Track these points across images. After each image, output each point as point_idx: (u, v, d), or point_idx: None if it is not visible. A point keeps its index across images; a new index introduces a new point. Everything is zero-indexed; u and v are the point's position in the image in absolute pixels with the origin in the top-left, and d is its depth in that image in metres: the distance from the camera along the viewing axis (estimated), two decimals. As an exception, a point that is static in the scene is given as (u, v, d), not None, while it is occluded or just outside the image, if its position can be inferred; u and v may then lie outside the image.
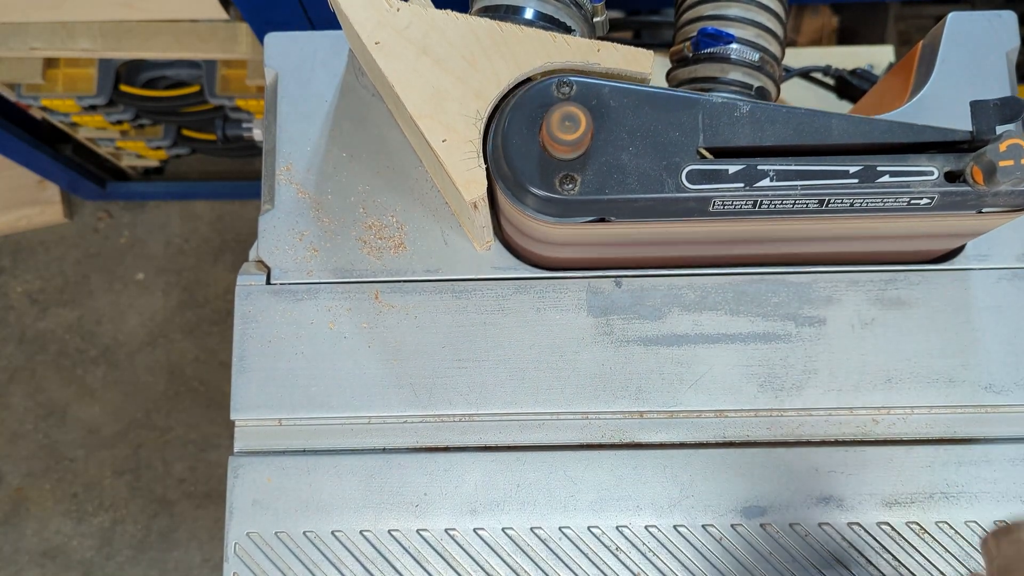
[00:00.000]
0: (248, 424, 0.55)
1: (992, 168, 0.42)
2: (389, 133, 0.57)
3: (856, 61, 0.96)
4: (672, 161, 0.43)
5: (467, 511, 0.53)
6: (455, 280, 0.56)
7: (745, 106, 0.44)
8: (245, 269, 0.56)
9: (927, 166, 0.44)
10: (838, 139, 0.44)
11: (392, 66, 0.48)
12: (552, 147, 0.42)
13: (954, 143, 0.45)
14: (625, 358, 0.55)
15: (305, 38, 0.58)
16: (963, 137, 0.44)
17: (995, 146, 0.41)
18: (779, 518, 0.53)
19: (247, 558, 0.52)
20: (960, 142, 0.45)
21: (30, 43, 1.20)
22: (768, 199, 0.44)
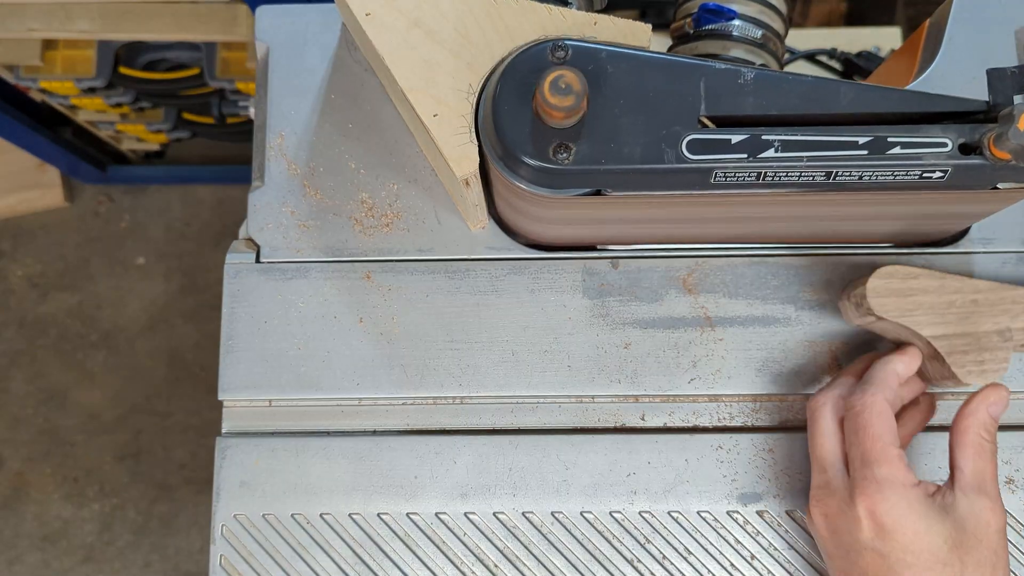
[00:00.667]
0: (236, 405, 0.54)
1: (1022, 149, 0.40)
2: (382, 109, 0.56)
3: (862, 43, 0.94)
4: (672, 130, 0.41)
5: (458, 495, 0.52)
6: (448, 260, 0.55)
7: (749, 73, 0.42)
8: (234, 247, 0.55)
9: (941, 137, 0.41)
10: (847, 109, 0.42)
11: (383, 38, 0.46)
12: (545, 114, 0.40)
13: (969, 113, 0.42)
14: (621, 341, 0.54)
15: (297, 11, 0.57)
16: (979, 107, 0.42)
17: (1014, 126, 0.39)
18: (776, 505, 0.51)
19: (234, 540, 0.51)
20: (976, 112, 0.42)
21: (28, 24, 1.19)
22: (773, 171, 0.41)
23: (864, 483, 0.43)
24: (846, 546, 0.44)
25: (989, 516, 0.43)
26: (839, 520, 0.44)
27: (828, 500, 0.45)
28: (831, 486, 0.45)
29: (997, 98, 0.41)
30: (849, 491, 0.44)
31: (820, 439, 0.46)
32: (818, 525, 0.46)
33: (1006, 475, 0.52)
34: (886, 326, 0.49)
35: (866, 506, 0.43)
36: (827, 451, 0.46)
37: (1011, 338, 0.47)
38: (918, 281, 0.47)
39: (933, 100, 0.43)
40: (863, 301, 0.48)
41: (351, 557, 0.51)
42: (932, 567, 0.42)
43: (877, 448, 0.43)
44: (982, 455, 0.45)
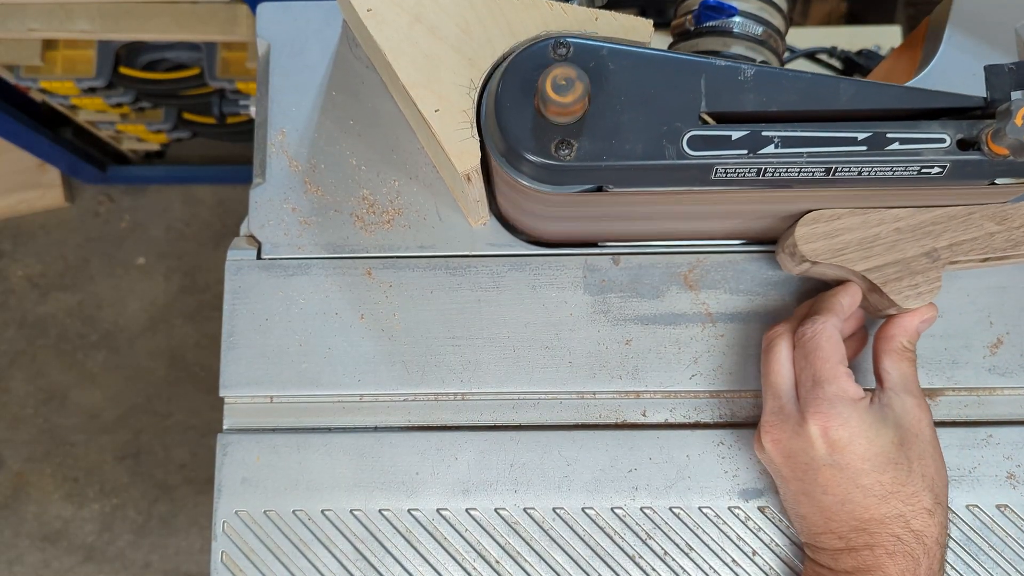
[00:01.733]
0: (238, 401, 0.54)
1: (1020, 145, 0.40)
2: (383, 105, 0.56)
3: (862, 42, 0.94)
4: (673, 126, 0.42)
5: (459, 491, 0.52)
6: (449, 256, 0.55)
7: (750, 70, 0.42)
8: (235, 244, 0.55)
9: (939, 133, 0.42)
10: (846, 105, 0.42)
11: (384, 34, 0.46)
12: (547, 110, 0.40)
13: (967, 109, 0.43)
14: (622, 337, 0.54)
15: (298, 8, 0.57)
16: (976, 103, 0.42)
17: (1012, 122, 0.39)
18: (777, 501, 0.51)
19: (235, 537, 0.51)
20: (973, 108, 0.43)
21: (28, 24, 1.19)
22: (773, 167, 0.42)
23: (816, 402, 0.45)
24: (802, 466, 0.46)
25: (919, 412, 0.47)
26: (793, 442, 0.46)
27: (781, 426, 0.46)
28: (784, 411, 0.46)
29: (995, 94, 0.41)
30: (801, 413, 0.46)
31: (775, 366, 0.48)
32: (771, 452, 0.47)
33: (1007, 470, 0.52)
34: (823, 269, 0.51)
35: (819, 424, 0.45)
36: (782, 378, 0.47)
37: (938, 257, 0.49)
38: (842, 221, 0.49)
39: (931, 96, 0.43)
40: (795, 249, 0.49)
41: (352, 553, 0.51)
42: (885, 468, 0.45)
43: (827, 368, 0.45)
44: (906, 361, 0.48)
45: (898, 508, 0.45)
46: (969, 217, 0.49)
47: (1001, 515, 0.51)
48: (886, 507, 0.44)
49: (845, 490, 0.45)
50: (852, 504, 0.45)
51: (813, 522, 0.47)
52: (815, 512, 0.46)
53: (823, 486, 0.45)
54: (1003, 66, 0.41)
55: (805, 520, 0.47)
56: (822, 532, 0.46)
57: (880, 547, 0.44)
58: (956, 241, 0.49)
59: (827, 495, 0.45)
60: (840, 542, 0.46)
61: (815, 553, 0.48)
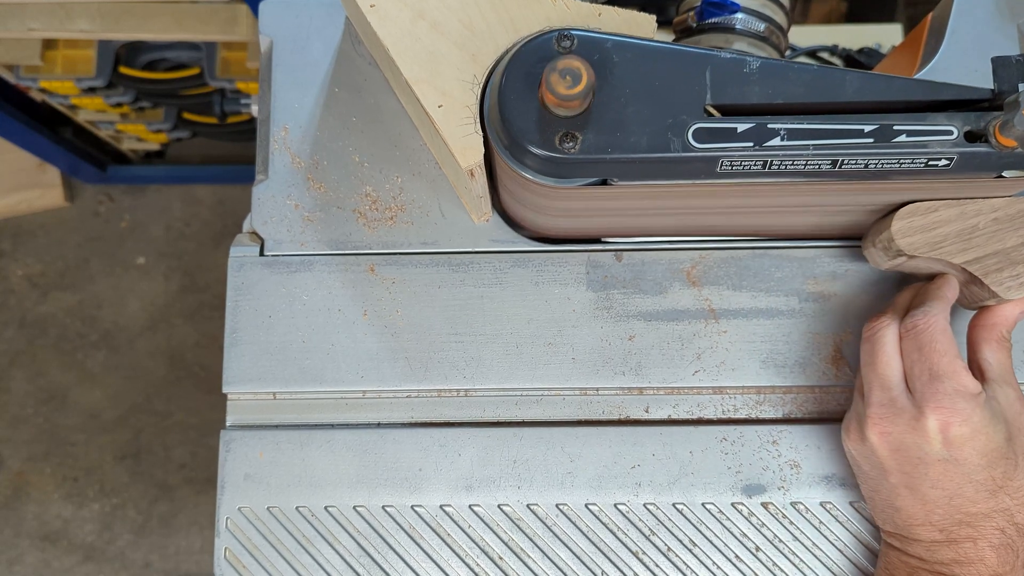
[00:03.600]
0: (241, 398, 0.54)
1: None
2: (386, 102, 0.56)
3: (864, 40, 0.94)
4: (678, 119, 0.41)
5: (462, 487, 0.52)
6: (452, 253, 0.55)
7: (755, 63, 0.42)
8: (238, 240, 0.55)
9: (946, 125, 0.41)
10: (852, 97, 0.42)
11: (387, 30, 0.46)
12: (552, 103, 0.40)
13: (975, 101, 0.42)
14: (625, 333, 0.54)
15: (301, 5, 0.57)
16: (984, 95, 0.42)
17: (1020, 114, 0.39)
18: (780, 497, 0.51)
19: (239, 533, 0.51)
20: (981, 100, 0.42)
21: (28, 24, 1.19)
22: (779, 159, 0.42)
23: (937, 397, 0.44)
24: (912, 460, 0.45)
25: (1020, 404, 0.46)
26: (906, 436, 0.45)
27: (893, 418, 0.45)
28: (896, 404, 0.45)
29: (1002, 86, 0.41)
30: (918, 408, 0.45)
31: (884, 358, 0.47)
32: (876, 444, 0.46)
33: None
34: (918, 263, 0.50)
35: (940, 419, 0.44)
36: (892, 369, 0.46)
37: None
38: (939, 213, 0.48)
39: (938, 88, 0.43)
40: (891, 244, 0.48)
41: (356, 549, 0.51)
42: (997, 463, 0.44)
43: (944, 362, 0.44)
44: (1004, 351, 0.48)
45: (1005, 502, 0.44)
46: None
47: None
48: (994, 502, 0.44)
49: (957, 485, 0.44)
50: (961, 499, 0.44)
51: (911, 514, 0.46)
52: (915, 505, 0.46)
53: (933, 480, 0.45)
54: (1010, 58, 0.41)
55: (900, 512, 0.46)
56: (920, 524, 0.46)
57: (984, 540, 0.44)
58: None
59: (935, 489, 0.45)
60: (940, 535, 0.45)
61: (905, 544, 0.47)
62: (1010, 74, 0.41)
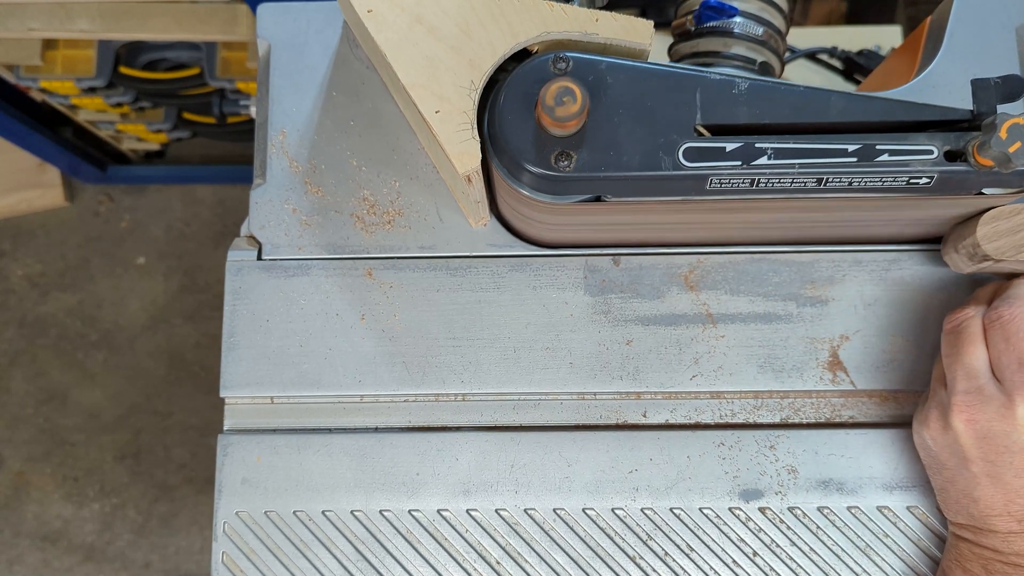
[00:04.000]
0: (238, 402, 0.54)
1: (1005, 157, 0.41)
2: (383, 106, 0.56)
3: (863, 42, 0.94)
4: (669, 138, 0.43)
5: (460, 491, 0.52)
6: (450, 257, 0.55)
7: (744, 83, 0.43)
8: (236, 244, 0.55)
9: (927, 145, 0.43)
10: (837, 117, 0.43)
11: (384, 35, 0.46)
12: (547, 123, 0.41)
13: (954, 122, 0.44)
14: (623, 338, 0.54)
15: (299, 8, 0.57)
16: (963, 116, 0.43)
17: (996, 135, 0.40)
18: (778, 502, 0.51)
19: (236, 537, 0.51)
20: (960, 120, 0.44)
21: (28, 24, 1.19)
22: (766, 177, 0.43)
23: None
24: (999, 448, 0.45)
25: None
26: (994, 424, 0.45)
27: (981, 406, 0.45)
28: (984, 392, 0.45)
29: (981, 107, 0.43)
30: (1007, 396, 0.44)
31: (970, 347, 0.47)
32: (961, 431, 0.46)
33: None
34: (1003, 266, 0.50)
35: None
36: (978, 359, 0.46)
37: None
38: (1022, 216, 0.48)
39: (920, 109, 0.44)
40: (976, 250, 0.49)
41: (353, 554, 0.51)
42: None
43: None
44: None
45: None
46: None
47: None
48: None
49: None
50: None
51: (989, 504, 0.46)
52: (996, 494, 0.46)
53: (1018, 469, 0.45)
54: (989, 80, 0.42)
55: (978, 503, 0.46)
56: (998, 515, 0.46)
57: None
58: None
59: (1019, 478, 0.45)
60: (1019, 525, 0.45)
61: (979, 536, 0.47)
62: (988, 96, 0.42)
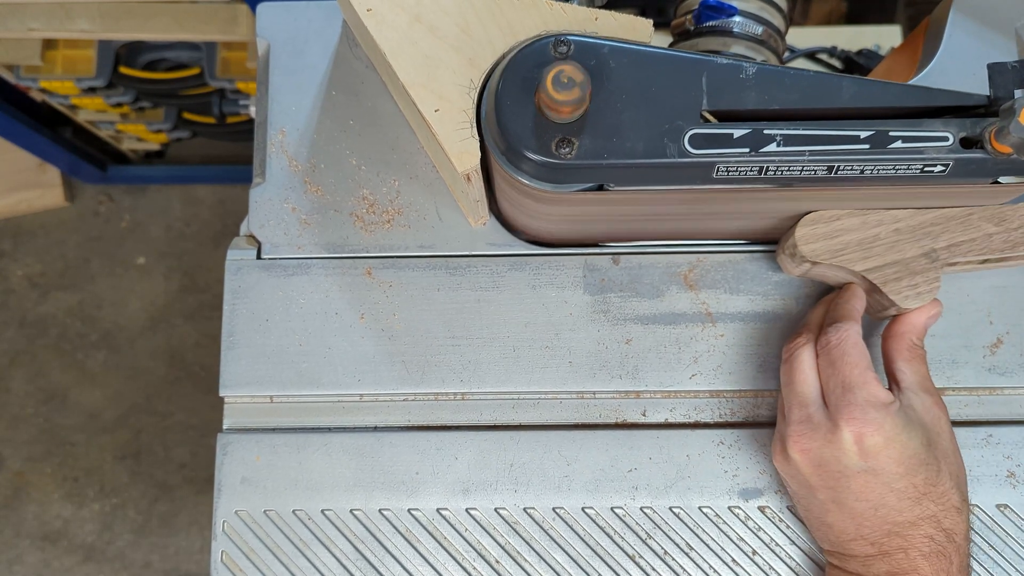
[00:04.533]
0: (238, 401, 0.54)
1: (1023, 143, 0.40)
2: (383, 105, 0.56)
3: (863, 42, 0.94)
4: (675, 125, 0.41)
5: (459, 490, 0.52)
6: (449, 256, 0.55)
7: (751, 68, 0.42)
8: (235, 244, 0.55)
9: (942, 131, 0.41)
10: (848, 103, 0.42)
11: (384, 34, 0.46)
12: (548, 108, 0.40)
13: (970, 107, 0.42)
14: (622, 337, 0.54)
15: (298, 8, 0.57)
16: (980, 101, 0.42)
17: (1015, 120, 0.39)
18: (778, 501, 0.51)
19: (235, 536, 0.51)
20: (977, 106, 0.42)
21: (28, 24, 1.19)
22: (775, 165, 0.42)
23: (849, 408, 0.44)
24: (834, 475, 0.45)
25: (938, 410, 0.47)
26: (824, 451, 0.45)
27: (811, 435, 0.46)
28: (813, 420, 0.46)
29: (998, 92, 0.41)
30: (832, 421, 0.45)
31: (800, 375, 0.47)
32: (799, 462, 0.46)
33: (1007, 469, 0.52)
34: (823, 270, 0.51)
35: (853, 430, 0.44)
36: (808, 387, 0.47)
37: (937, 258, 0.49)
38: (841, 222, 0.49)
39: (934, 95, 0.43)
40: (795, 250, 0.49)
41: (352, 553, 0.51)
42: (917, 470, 0.44)
43: (856, 373, 0.45)
44: (918, 359, 0.48)
45: (931, 509, 0.44)
46: (968, 218, 0.49)
47: (1001, 515, 0.51)
48: (919, 509, 0.44)
49: (879, 495, 0.44)
50: (886, 509, 0.44)
51: (842, 529, 0.46)
52: (845, 519, 0.46)
53: (856, 493, 0.45)
54: (1006, 64, 0.41)
55: (833, 528, 0.46)
56: (852, 539, 0.46)
57: (914, 549, 0.44)
58: (955, 242, 0.49)
59: (860, 501, 0.45)
60: (872, 548, 0.45)
61: (843, 561, 0.47)
62: (1006, 80, 0.41)
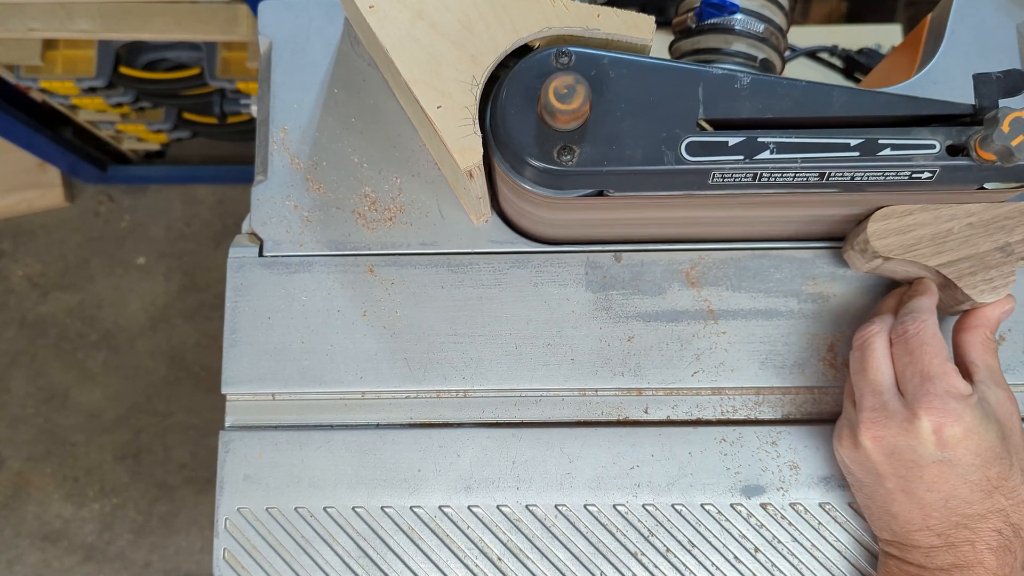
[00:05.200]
0: (240, 399, 0.54)
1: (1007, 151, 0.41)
2: (385, 103, 0.56)
3: (863, 41, 0.94)
4: (672, 133, 0.43)
5: (461, 488, 0.52)
6: (451, 254, 0.55)
7: (746, 78, 0.43)
8: (237, 241, 0.55)
9: (929, 139, 0.43)
10: (839, 112, 0.43)
11: (386, 31, 0.46)
12: (550, 117, 0.41)
13: (956, 116, 0.44)
14: (624, 334, 0.54)
15: (300, 5, 0.57)
16: (965, 110, 0.44)
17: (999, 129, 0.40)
18: (779, 498, 0.51)
19: (238, 534, 0.51)
20: (962, 115, 0.44)
21: (28, 24, 1.19)
22: (768, 172, 0.43)
23: (928, 398, 0.44)
24: (906, 464, 0.45)
25: (1010, 404, 0.47)
26: (899, 439, 0.45)
27: (885, 422, 0.45)
28: (888, 408, 0.45)
29: (983, 102, 0.43)
30: (910, 410, 0.44)
31: (875, 363, 0.47)
32: (870, 449, 0.46)
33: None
34: (894, 266, 0.50)
35: (933, 420, 0.44)
36: (883, 375, 0.46)
37: (1012, 252, 0.48)
38: (914, 217, 0.49)
39: (922, 104, 0.44)
40: (867, 246, 0.49)
41: (355, 550, 0.51)
42: (991, 463, 0.44)
43: (935, 364, 0.45)
44: (990, 353, 0.48)
45: (1001, 503, 0.44)
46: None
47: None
48: (990, 502, 0.44)
49: (952, 486, 0.44)
50: (957, 500, 0.44)
51: (908, 519, 0.46)
52: (912, 509, 0.45)
53: (928, 483, 0.45)
54: (991, 75, 0.43)
55: (897, 518, 0.46)
56: (918, 529, 0.45)
57: (981, 542, 0.44)
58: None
59: (931, 492, 0.45)
60: (938, 539, 0.45)
61: (904, 552, 0.47)
62: (990, 91, 0.42)
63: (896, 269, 0.51)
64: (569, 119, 0.41)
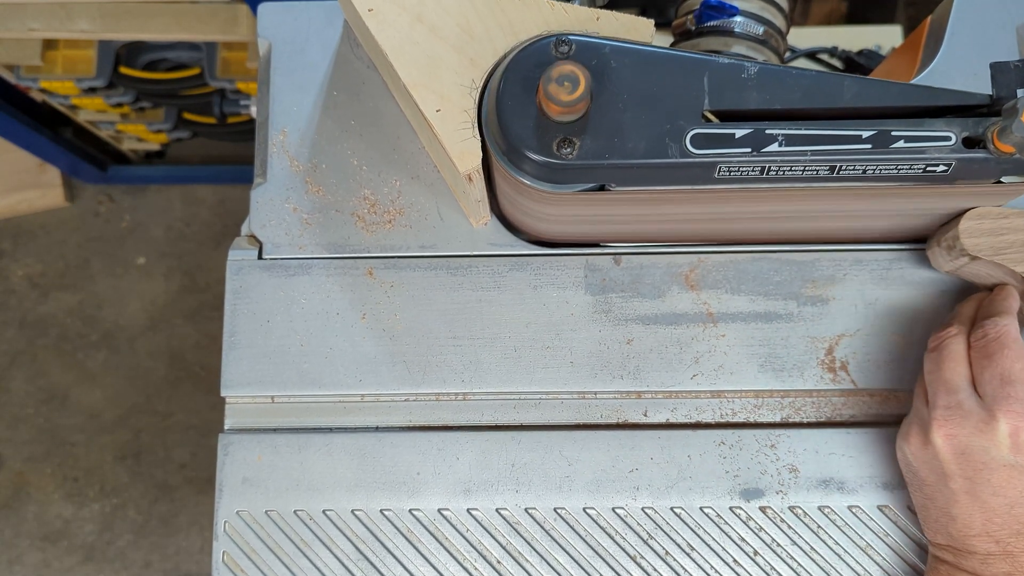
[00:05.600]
0: (239, 401, 0.54)
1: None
2: (384, 105, 0.56)
3: (863, 42, 0.94)
4: (676, 124, 0.41)
5: (461, 491, 0.52)
6: (450, 256, 0.55)
7: (753, 68, 0.42)
8: (237, 244, 0.55)
9: (944, 131, 0.41)
10: (850, 103, 0.42)
11: (385, 34, 0.46)
12: (549, 109, 0.40)
13: (973, 107, 0.42)
14: (623, 337, 0.54)
15: (300, 8, 0.57)
16: (982, 100, 0.42)
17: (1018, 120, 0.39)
18: (778, 501, 0.51)
19: (237, 537, 0.51)
20: (979, 106, 0.42)
21: (28, 24, 1.19)
22: (776, 165, 0.41)
23: (1008, 401, 0.43)
24: (976, 465, 0.44)
25: None
26: (973, 439, 0.44)
27: (960, 421, 0.44)
28: (963, 407, 0.45)
29: (1000, 91, 0.41)
30: (988, 411, 0.44)
31: (952, 364, 0.46)
32: (940, 447, 0.45)
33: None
34: (978, 268, 0.50)
35: (1011, 423, 0.43)
36: (959, 375, 0.46)
37: None
38: (1009, 220, 0.48)
39: (937, 94, 0.43)
40: (956, 243, 0.48)
41: (354, 553, 0.51)
42: None
43: (1017, 368, 0.44)
44: None
45: None
46: None
47: None
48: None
49: (1019, 492, 0.43)
50: (1022, 508, 0.43)
51: (968, 523, 0.45)
52: (974, 513, 0.45)
53: (995, 487, 0.44)
54: (1009, 63, 0.41)
55: (956, 521, 0.45)
56: (977, 535, 0.45)
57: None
58: None
59: (996, 496, 0.44)
60: (996, 546, 0.44)
61: (958, 557, 0.46)
62: (1008, 80, 0.41)
63: (980, 272, 0.50)
64: (569, 110, 0.40)
